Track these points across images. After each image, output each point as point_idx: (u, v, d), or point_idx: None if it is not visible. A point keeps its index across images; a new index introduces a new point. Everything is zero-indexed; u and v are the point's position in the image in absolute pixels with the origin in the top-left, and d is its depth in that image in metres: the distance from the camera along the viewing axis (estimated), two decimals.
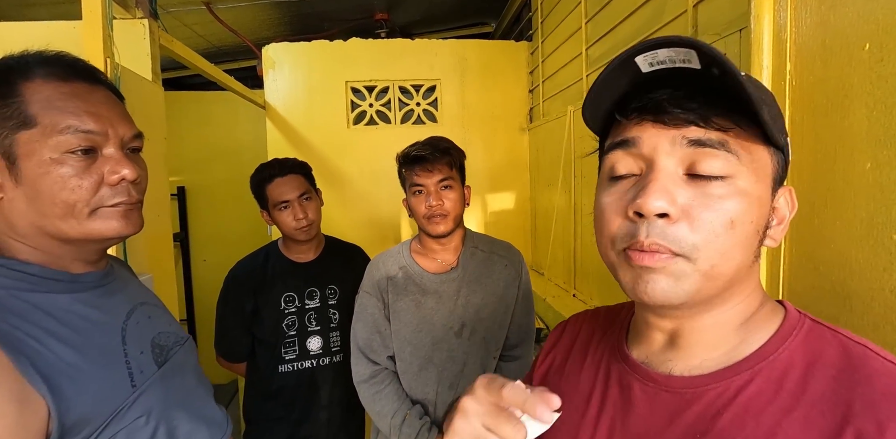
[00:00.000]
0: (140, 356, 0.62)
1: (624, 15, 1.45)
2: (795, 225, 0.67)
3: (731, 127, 0.38)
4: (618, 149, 0.42)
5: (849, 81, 0.58)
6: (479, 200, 2.60)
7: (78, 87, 0.59)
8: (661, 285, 0.38)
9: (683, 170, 0.39)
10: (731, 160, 0.38)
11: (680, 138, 0.38)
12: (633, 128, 0.41)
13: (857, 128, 0.57)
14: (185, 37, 2.74)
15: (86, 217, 0.58)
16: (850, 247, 0.58)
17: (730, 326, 0.42)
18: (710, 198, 0.38)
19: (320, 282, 1.41)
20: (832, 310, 0.61)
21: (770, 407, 0.37)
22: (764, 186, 0.40)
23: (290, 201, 1.34)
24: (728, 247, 0.38)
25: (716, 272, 0.38)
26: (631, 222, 0.39)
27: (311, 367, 1.38)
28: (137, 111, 1.31)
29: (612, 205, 0.41)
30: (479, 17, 3.25)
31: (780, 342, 0.40)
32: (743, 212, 0.38)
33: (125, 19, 1.34)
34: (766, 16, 0.67)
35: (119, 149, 0.61)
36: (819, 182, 0.63)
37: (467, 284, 1.22)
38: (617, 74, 0.40)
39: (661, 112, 0.39)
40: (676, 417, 0.41)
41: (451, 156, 1.15)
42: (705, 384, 0.41)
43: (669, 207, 0.37)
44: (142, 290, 0.75)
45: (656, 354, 0.45)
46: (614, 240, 0.41)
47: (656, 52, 0.38)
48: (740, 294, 0.42)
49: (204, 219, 3.24)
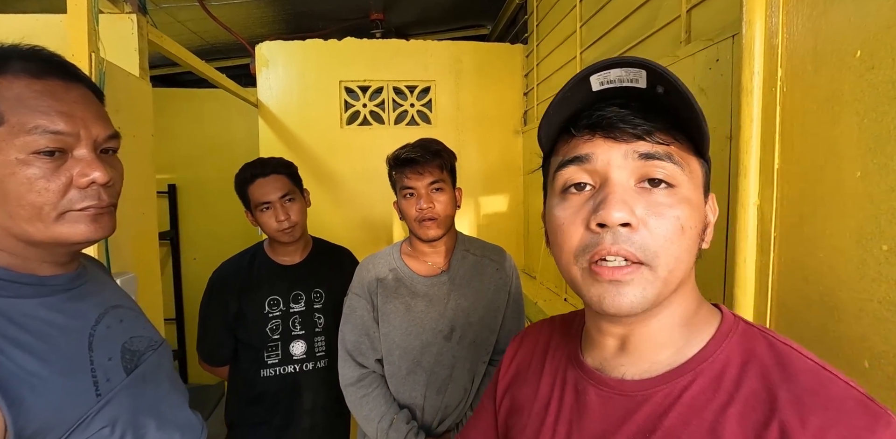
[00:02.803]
0: (107, 363, 0.60)
1: (618, 19, 1.44)
2: (784, 234, 0.66)
3: (672, 141, 0.42)
4: (571, 164, 0.44)
5: (839, 88, 0.57)
6: (472, 203, 2.59)
7: (52, 84, 0.57)
8: (629, 298, 0.41)
9: (635, 182, 0.42)
10: (677, 171, 0.41)
11: (631, 152, 0.41)
12: (585, 144, 0.44)
13: (848, 137, 0.56)
14: (178, 33, 2.71)
15: (53, 220, 0.56)
16: (838, 257, 0.58)
17: (674, 327, 0.45)
18: (661, 207, 0.41)
19: (306, 286, 1.38)
20: (820, 320, 0.61)
21: (710, 404, 0.40)
22: (699, 194, 0.44)
23: (272, 202, 1.29)
24: (680, 251, 0.41)
25: (672, 277, 0.41)
26: (593, 233, 0.42)
27: (293, 372, 1.35)
28: (124, 107, 1.30)
29: (569, 218, 0.44)
30: (476, 20, 3.24)
31: (718, 344, 0.44)
32: (689, 218, 0.41)
33: (113, 14, 1.32)
34: (757, 22, 0.67)
35: (91, 150, 0.58)
36: (808, 190, 0.62)
37: (457, 288, 1.21)
38: (572, 93, 0.43)
39: (612, 128, 0.42)
40: (628, 418, 0.44)
41: (441, 158, 1.14)
42: (654, 386, 0.44)
43: (630, 217, 0.40)
44: (116, 293, 0.73)
45: (609, 360, 0.48)
46: (576, 252, 0.43)
47: (609, 72, 0.41)
48: (682, 295, 0.45)
49: (195, 217, 3.21)
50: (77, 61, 1.08)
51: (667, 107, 0.41)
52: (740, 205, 0.70)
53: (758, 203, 0.69)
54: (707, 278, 1.00)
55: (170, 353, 0.77)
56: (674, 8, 1.17)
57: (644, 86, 0.40)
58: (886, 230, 0.52)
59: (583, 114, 0.44)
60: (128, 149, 1.32)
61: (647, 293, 0.41)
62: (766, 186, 0.68)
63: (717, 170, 0.95)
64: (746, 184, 0.69)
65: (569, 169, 0.44)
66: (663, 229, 0.40)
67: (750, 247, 0.69)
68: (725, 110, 0.92)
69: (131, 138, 1.31)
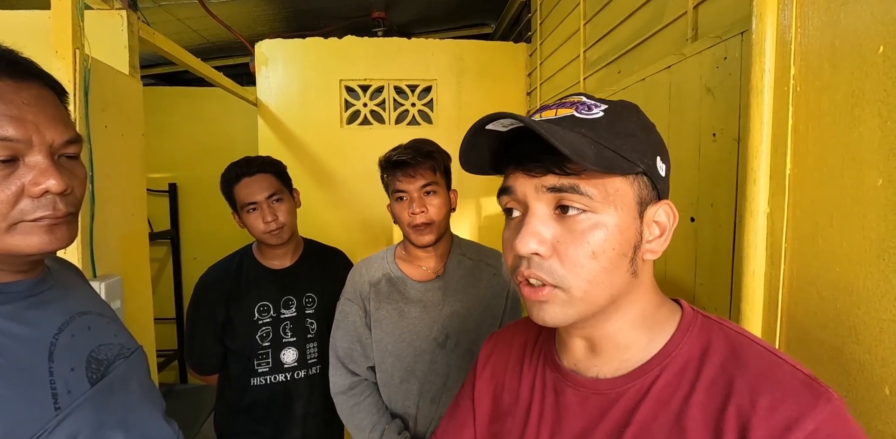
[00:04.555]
0: (69, 373, 0.57)
1: (623, 16, 1.39)
2: (796, 245, 0.61)
3: (584, 169, 0.44)
4: (503, 194, 0.50)
5: (860, 87, 0.52)
6: (473, 204, 2.55)
7: (0, 85, 0.52)
8: (549, 313, 0.46)
9: (552, 209, 0.46)
10: (584, 200, 0.44)
11: (540, 186, 0.46)
12: (510, 177, 0.49)
13: (868, 140, 0.51)
14: (178, 31, 2.69)
15: (3, 232, 0.52)
16: (857, 272, 0.53)
17: (633, 329, 0.49)
18: (574, 234, 0.45)
19: (297, 290, 1.33)
20: (836, 339, 0.56)
21: (675, 395, 0.44)
22: (626, 213, 0.46)
23: (259, 203, 1.23)
24: (594, 274, 0.44)
25: (590, 296, 0.45)
26: (517, 257, 0.47)
27: (284, 381, 1.30)
28: (112, 105, 1.26)
29: (507, 241, 0.49)
30: (479, 18, 3.20)
31: (679, 338, 0.48)
32: (602, 242, 0.44)
33: (101, 10, 1.29)
34: (769, 16, 0.62)
35: (47, 156, 0.54)
36: (824, 198, 0.57)
37: (452, 293, 1.17)
38: (480, 139, 0.48)
39: (523, 164, 0.46)
40: (605, 415, 0.47)
41: (434, 160, 1.10)
42: (625, 383, 0.47)
43: (539, 247, 0.45)
44: (87, 298, 0.69)
45: (582, 361, 0.52)
46: (511, 270, 0.49)
47: (501, 121, 0.44)
48: (630, 302, 0.48)
49: (195, 216, 3.19)
50: (61, 58, 1.05)
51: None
52: (748, 213, 0.65)
53: (768, 211, 0.64)
54: (711, 290, 0.95)
55: (144, 361, 0.73)
56: (680, 4, 1.12)
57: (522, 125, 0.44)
58: None
59: (505, 150, 0.49)
60: (116, 148, 1.29)
61: (567, 311, 0.46)
62: (776, 193, 0.63)
63: (724, 175, 0.90)
64: (755, 190, 0.64)
65: (503, 198, 0.50)
66: (573, 255, 0.44)
67: (759, 259, 0.64)
68: (734, 111, 0.87)
69: (119, 137, 1.28)
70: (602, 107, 0.47)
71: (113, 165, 1.24)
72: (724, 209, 0.89)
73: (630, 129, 0.47)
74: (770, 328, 0.64)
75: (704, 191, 0.97)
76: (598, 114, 0.46)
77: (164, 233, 3.06)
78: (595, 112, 0.46)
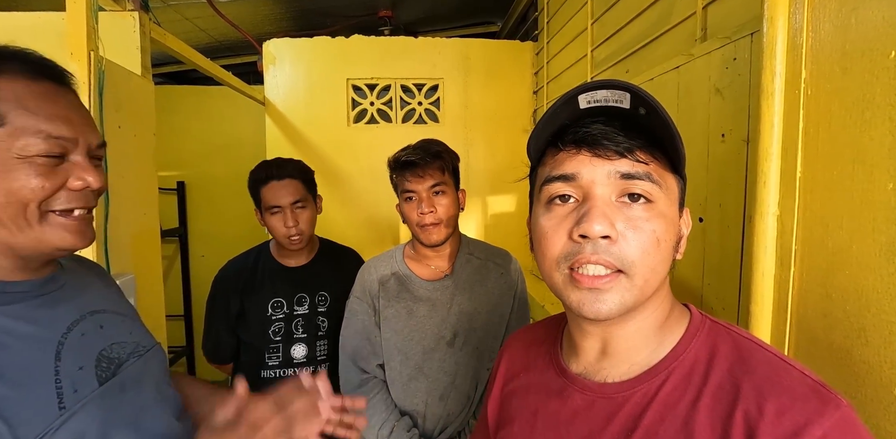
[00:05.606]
0: (77, 372, 0.57)
1: (631, 16, 1.39)
2: (806, 247, 0.62)
3: (651, 160, 0.45)
4: (557, 181, 0.47)
5: (871, 92, 0.52)
6: (479, 202, 2.55)
7: (47, 87, 0.57)
8: (608, 304, 0.44)
9: (616, 197, 0.45)
10: (654, 188, 0.45)
11: (614, 172, 0.44)
12: (571, 161, 0.46)
13: (879, 144, 0.52)
14: (187, 30, 2.70)
15: (36, 221, 0.56)
16: (867, 275, 0.53)
17: (649, 331, 0.49)
18: (639, 221, 0.44)
19: (310, 288, 1.36)
20: (845, 341, 0.56)
21: (683, 399, 0.44)
22: (674, 209, 0.47)
23: (283, 207, 1.26)
24: (656, 262, 0.44)
25: (647, 286, 0.45)
26: (575, 243, 0.45)
27: (294, 376, 1.33)
28: (125, 106, 1.28)
29: (553, 227, 0.47)
30: (485, 16, 3.19)
31: (687, 343, 0.47)
32: (664, 232, 0.45)
33: (114, 11, 1.30)
34: (780, 18, 0.62)
35: (85, 156, 0.59)
36: (834, 201, 0.57)
37: (461, 292, 1.18)
38: (561, 110, 0.46)
39: (596, 144, 0.45)
40: (612, 419, 0.47)
41: (442, 159, 1.10)
42: (632, 387, 0.47)
43: (610, 230, 0.43)
44: (103, 297, 0.70)
45: (592, 365, 0.52)
46: (559, 260, 0.46)
47: (596, 93, 0.44)
48: (656, 302, 0.48)
49: (203, 214, 3.22)
50: (76, 60, 1.07)
51: (646, 127, 0.44)
52: (758, 215, 0.65)
53: (777, 213, 0.64)
54: (719, 290, 0.95)
55: (160, 359, 0.73)
56: (689, 4, 1.12)
57: (627, 106, 0.44)
58: None
59: (569, 129, 0.46)
60: (129, 148, 1.31)
61: (625, 300, 0.44)
62: (786, 196, 0.63)
63: (732, 176, 0.90)
64: (766, 193, 0.64)
65: (555, 185, 0.47)
66: (640, 241, 0.44)
67: (768, 261, 0.65)
68: (743, 112, 0.87)
69: (132, 137, 1.30)
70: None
71: (126, 165, 1.26)
72: (733, 210, 0.90)
73: (677, 131, 0.46)
74: (780, 329, 0.65)
75: (713, 191, 0.97)
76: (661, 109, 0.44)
77: (172, 230, 3.08)
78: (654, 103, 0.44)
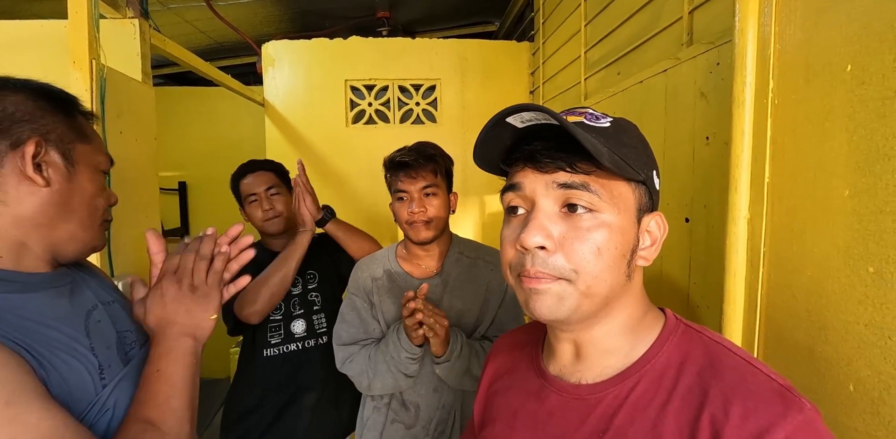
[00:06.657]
0: (106, 351, 0.63)
1: (621, 19, 1.41)
2: (774, 250, 0.64)
3: (593, 170, 0.46)
4: (509, 191, 0.50)
5: (830, 103, 0.55)
6: (477, 202, 2.58)
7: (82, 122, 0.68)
8: (547, 304, 0.46)
9: (559, 207, 0.47)
10: (594, 198, 0.46)
11: (551, 182, 0.47)
12: (518, 173, 0.50)
13: (837, 153, 0.54)
14: (186, 33, 2.73)
15: (98, 226, 0.67)
16: (826, 277, 0.56)
17: (619, 335, 0.50)
18: (580, 231, 0.46)
19: (300, 269, 1.41)
20: (808, 339, 0.59)
21: (653, 402, 0.45)
22: (627, 217, 0.48)
23: (258, 194, 1.39)
24: (598, 270, 0.46)
25: (591, 291, 0.46)
26: (521, 253, 0.48)
27: (296, 350, 1.41)
28: (126, 112, 1.31)
29: (508, 237, 0.50)
30: (482, 16, 3.20)
31: (660, 346, 0.49)
32: (606, 241, 0.46)
33: (115, 19, 1.33)
34: (750, 30, 0.64)
35: None
36: (798, 207, 0.60)
37: (451, 290, 1.21)
38: (497, 132, 0.48)
39: (536, 161, 0.47)
40: (584, 420, 0.48)
41: (436, 162, 1.13)
42: (605, 389, 0.49)
43: (545, 241, 0.46)
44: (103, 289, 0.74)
45: (567, 367, 0.54)
46: (510, 266, 0.50)
47: (522, 114, 0.45)
48: (620, 307, 0.50)
49: (204, 214, 3.25)
50: (78, 68, 1.10)
51: None
52: (731, 219, 0.68)
53: (748, 217, 0.67)
54: (704, 289, 0.98)
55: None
56: (676, 9, 1.14)
57: (557, 123, 0.45)
58: (874, 251, 0.50)
59: (516, 147, 0.50)
60: (131, 152, 1.34)
61: (566, 302, 0.46)
62: (756, 201, 0.66)
63: (716, 178, 0.92)
64: (737, 197, 0.67)
65: (508, 195, 0.51)
66: (580, 250, 0.45)
67: (740, 262, 0.67)
68: (726, 116, 0.89)
69: (134, 142, 1.33)
70: (608, 119, 0.49)
71: (128, 169, 1.30)
72: (717, 211, 0.92)
73: (633, 142, 0.49)
74: (750, 328, 0.68)
75: (698, 192, 1.00)
76: (606, 124, 0.48)
77: (173, 230, 3.12)
78: (603, 122, 0.48)
